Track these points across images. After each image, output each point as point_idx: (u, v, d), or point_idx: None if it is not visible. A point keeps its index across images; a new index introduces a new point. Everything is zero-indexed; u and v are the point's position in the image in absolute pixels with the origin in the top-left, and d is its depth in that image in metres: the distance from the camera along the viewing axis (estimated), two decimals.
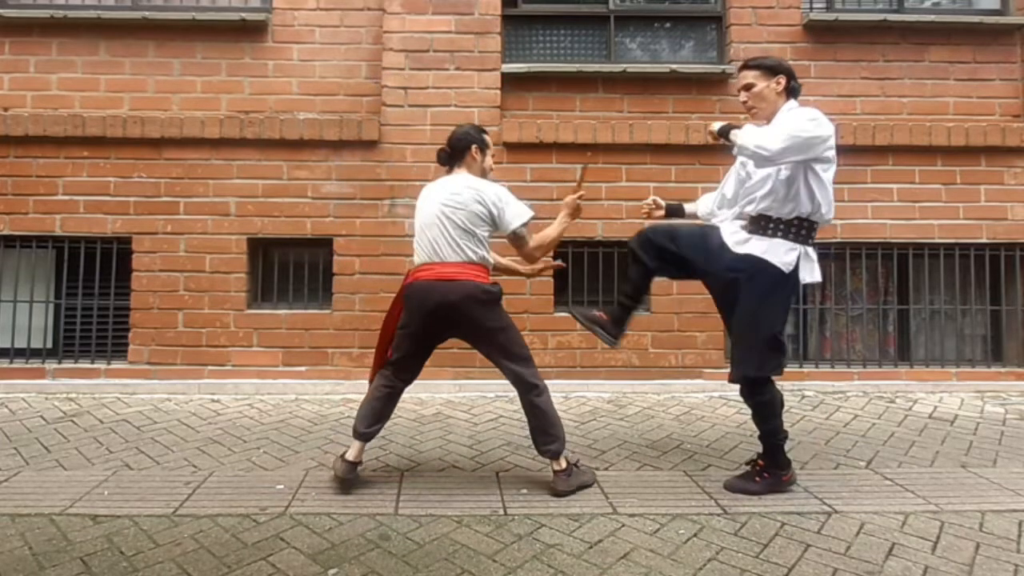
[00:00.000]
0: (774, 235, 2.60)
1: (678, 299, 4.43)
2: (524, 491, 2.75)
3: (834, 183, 4.71)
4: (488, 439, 3.42)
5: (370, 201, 4.41)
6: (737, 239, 2.67)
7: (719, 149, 4.45)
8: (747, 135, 2.51)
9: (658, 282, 4.44)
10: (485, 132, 2.90)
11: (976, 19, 4.64)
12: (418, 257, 2.75)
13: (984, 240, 4.58)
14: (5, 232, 4.39)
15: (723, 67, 4.56)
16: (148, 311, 4.35)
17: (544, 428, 2.70)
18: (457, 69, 4.48)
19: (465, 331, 2.76)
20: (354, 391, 4.24)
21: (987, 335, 4.71)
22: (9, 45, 4.48)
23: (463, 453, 3.21)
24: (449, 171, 2.84)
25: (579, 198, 2.91)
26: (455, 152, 2.82)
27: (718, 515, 2.52)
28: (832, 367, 4.55)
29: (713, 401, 4.15)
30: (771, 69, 2.66)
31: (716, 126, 2.67)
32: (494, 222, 2.73)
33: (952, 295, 4.73)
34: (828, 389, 4.42)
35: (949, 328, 4.73)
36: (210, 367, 4.33)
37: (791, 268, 2.56)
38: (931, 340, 4.69)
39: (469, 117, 4.43)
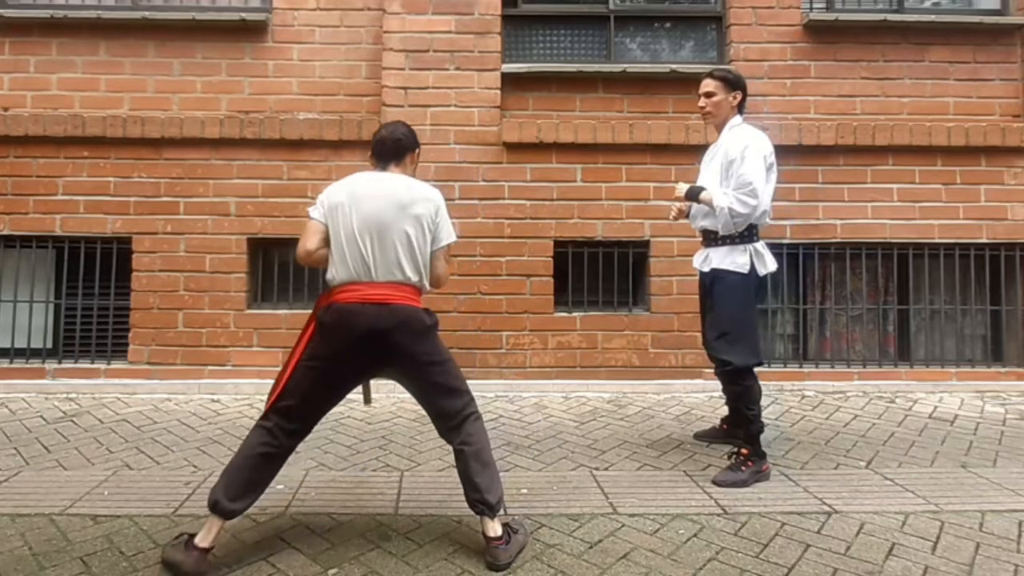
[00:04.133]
0: (723, 243, 2.94)
1: (678, 299, 4.43)
2: (524, 491, 2.75)
3: (834, 183, 4.75)
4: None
5: None
6: (700, 260, 3.08)
7: None
8: (724, 199, 2.87)
9: (658, 283, 4.46)
10: None
11: (976, 19, 4.64)
12: (340, 273, 2.22)
13: (984, 240, 4.58)
14: (5, 232, 4.39)
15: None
16: (148, 311, 4.35)
17: (482, 473, 2.21)
18: (457, 69, 4.48)
19: (396, 366, 2.27)
20: (354, 391, 4.23)
21: (987, 335, 4.71)
22: (9, 45, 4.48)
23: None
24: (380, 168, 2.42)
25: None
26: (398, 150, 2.41)
27: (718, 515, 2.52)
28: (832, 367, 4.55)
29: (713, 401, 4.14)
30: (732, 84, 2.99)
31: (682, 189, 3.06)
32: (434, 235, 2.29)
33: (952, 295, 4.73)
34: (828, 389, 4.42)
35: (949, 328, 4.73)
36: (210, 367, 4.33)
37: (748, 268, 2.89)
38: (931, 340, 4.69)
39: (469, 117, 4.44)
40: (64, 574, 2.08)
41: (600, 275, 4.56)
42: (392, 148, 2.42)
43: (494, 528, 2.18)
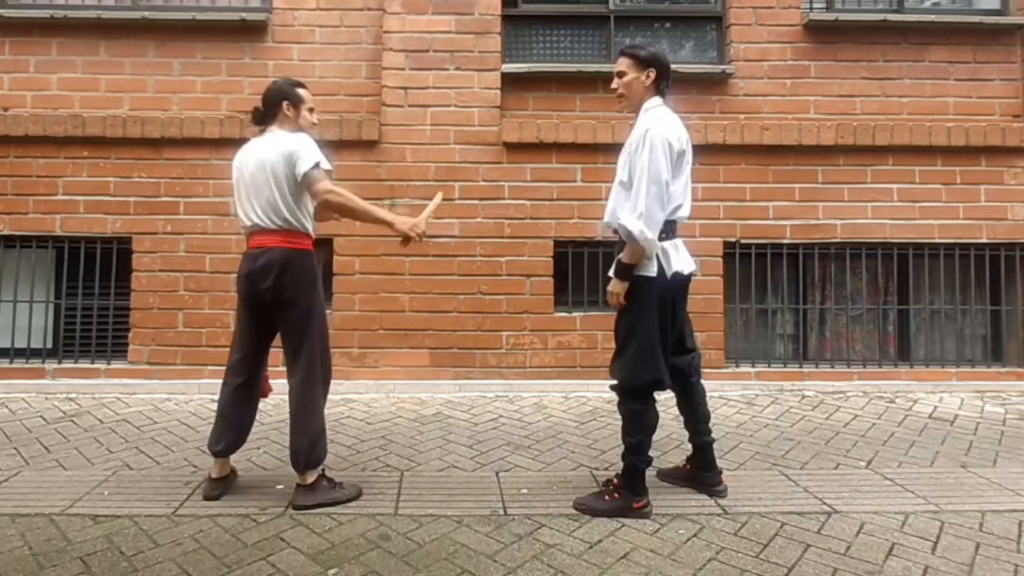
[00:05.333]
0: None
1: None
2: (524, 491, 2.75)
3: (834, 183, 4.73)
4: (488, 439, 3.42)
5: (370, 201, 4.38)
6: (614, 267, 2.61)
7: (719, 149, 4.48)
8: (625, 221, 2.43)
9: None
10: (301, 86, 2.70)
11: (976, 19, 4.64)
12: (241, 226, 2.68)
13: (984, 240, 4.58)
14: (5, 232, 4.39)
15: (723, 67, 4.56)
16: (148, 311, 4.35)
17: (304, 430, 2.57)
18: (457, 69, 4.48)
19: (276, 307, 2.58)
20: (354, 391, 4.24)
21: (987, 335, 4.71)
22: (9, 45, 4.48)
23: (463, 453, 3.20)
24: (262, 132, 2.68)
25: (421, 233, 2.69)
26: (267, 110, 2.66)
27: (718, 515, 2.52)
28: (832, 367, 4.55)
29: (713, 401, 4.13)
30: (643, 61, 2.58)
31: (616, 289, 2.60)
32: (294, 174, 2.53)
33: (952, 295, 4.73)
34: (828, 389, 4.42)
35: (949, 328, 4.73)
36: (210, 367, 4.32)
37: (654, 271, 2.48)
38: (931, 340, 4.69)
39: (469, 117, 4.45)
40: (64, 574, 2.08)
41: (600, 275, 4.55)
42: (260, 113, 2.68)
43: (303, 478, 2.56)
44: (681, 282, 2.58)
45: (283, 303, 2.56)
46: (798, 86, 4.61)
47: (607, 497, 2.55)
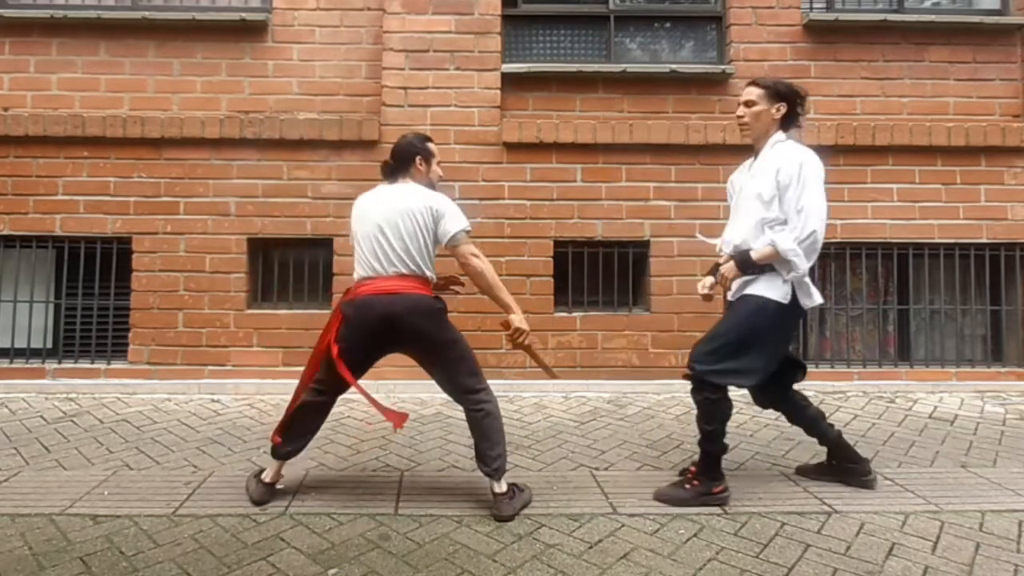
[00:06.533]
0: (762, 273, 2.59)
1: (678, 299, 4.43)
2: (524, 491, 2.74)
3: (834, 183, 4.72)
4: None
5: None
6: (738, 286, 2.66)
7: (719, 149, 4.49)
8: (781, 247, 2.48)
9: (658, 283, 4.46)
10: (430, 140, 2.76)
11: (976, 19, 4.64)
12: (359, 271, 2.61)
13: (984, 240, 4.58)
14: (5, 232, 4.39)
15: (723, 67, 4.56)
16: (148, 311, 4.35)
17: (490, 446, 2.56)
18: (457, 69, 4.48)
19: (409, 346, 2.63)
20: (354, 391, 4.23)
21: (987, 335, 4.71)
22: (9, 45, 4.48)
23: (463, 453, 3.20)
24: (392, 183, 2.70)
25: (526, 333, 2.65)
26: (399, 164, 2.69)
27: (718, 515, 2.52)
28: (832, 367, 4.55)
29: None
30: (778, 95, 2.64)
31: (708, 283, 2.75)
32: (435, 232, 2.59)
33: (952, 295, 4.73)
34: (828, 389, 4.42)
35: (949, 328, 4.73)
36: (210, 367, 4.33)
37: (789, 297, 2.56)
38: (931, 340, 4.69)
39: (469, 117, 4.45)
40: (64, 574, 2.08)
41: (600, 275, 4.56)
42: (391, 166, 2.71)
43: (499, 486, 2.53)
44: (803, 314, 2.73)
45: (436, 343, 2.59)
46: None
47: (687, 486, 2.63)
